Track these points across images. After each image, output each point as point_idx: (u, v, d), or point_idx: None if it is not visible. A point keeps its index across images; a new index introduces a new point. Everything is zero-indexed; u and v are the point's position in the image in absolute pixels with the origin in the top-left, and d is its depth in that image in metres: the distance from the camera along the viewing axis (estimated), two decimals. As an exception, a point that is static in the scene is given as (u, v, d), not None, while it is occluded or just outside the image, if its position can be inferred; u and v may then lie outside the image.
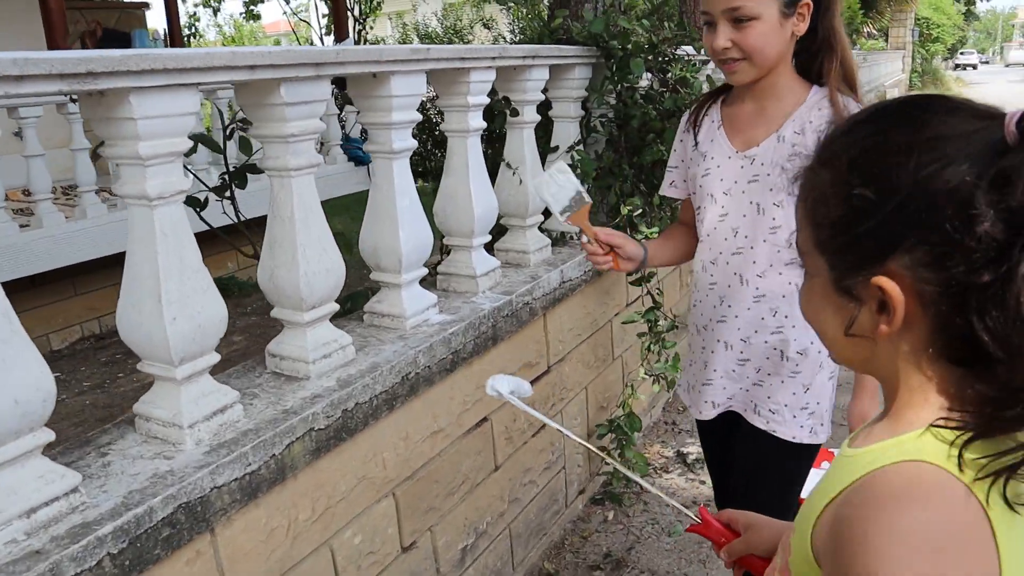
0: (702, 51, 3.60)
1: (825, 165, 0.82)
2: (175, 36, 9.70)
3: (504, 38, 15.21)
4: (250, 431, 1.70)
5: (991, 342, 0.71)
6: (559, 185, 1.89)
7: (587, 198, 1.90)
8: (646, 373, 3.37)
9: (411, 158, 2.29)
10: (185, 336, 1.61)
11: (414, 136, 2.11)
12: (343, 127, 7.37)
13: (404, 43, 16.68)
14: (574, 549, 3.08)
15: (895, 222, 0.74)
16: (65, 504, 1.42)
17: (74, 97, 4.32)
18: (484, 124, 2.50)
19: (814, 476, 2.51)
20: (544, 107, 3.04)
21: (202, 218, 2.28)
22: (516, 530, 2.77)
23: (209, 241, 6.11)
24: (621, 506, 3.32)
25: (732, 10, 1.68)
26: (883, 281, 0.75)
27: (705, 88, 3.22)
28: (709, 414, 1.98)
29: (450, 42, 15.93)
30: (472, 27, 16.59)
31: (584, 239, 1.92)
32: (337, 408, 1.86)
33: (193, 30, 12.78)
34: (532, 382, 2.72)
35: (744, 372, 1.91)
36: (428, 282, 2.51)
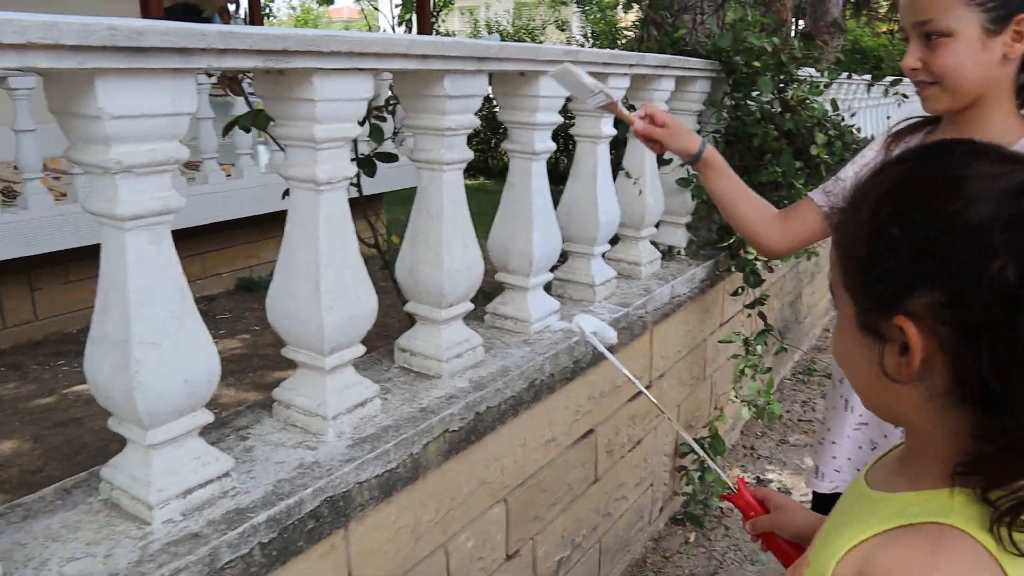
0: (824, 73, 3.51)
1: (854, 205, 0.83)
2: (255, 14, 9.76)
3: (576, 40, 15.14)
4: (390, 427, 1.66)
5: (998, 385, 0.70)
6: (573, 83, 1.77)
7: (609, 92, 1.75)
8: (736, 396, 3.29)
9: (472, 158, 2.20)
10: (338, 326, 1.57)
11: (476, 134, 2.02)
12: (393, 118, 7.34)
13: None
14: (656, 569, 3.01)
15: (915, 261, 0.74)
16: (218, 488, 1.39)
17: (210, 73, 4.31)
18: (615, 131, 2.44)
19: None
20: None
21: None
22: (606, 544, 2.71)
23: (224, 233, 6.04)
24: (702, 528, 3.24)
25: (921, 24, 1.45)
26: (903, 321, 0.75)
27: (829, 111, 3.13)
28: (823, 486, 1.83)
29: (521, 42, 15.86)
30: (544, 28, 16.53)
31: (637, 125, 1.76)
32: (471, 410, 1.81)
33: (268, 11, 12.91)
34: (632, 398, 2.67)
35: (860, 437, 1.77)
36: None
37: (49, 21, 1.02)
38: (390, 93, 2.75)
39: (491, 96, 2.16)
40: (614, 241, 2.85)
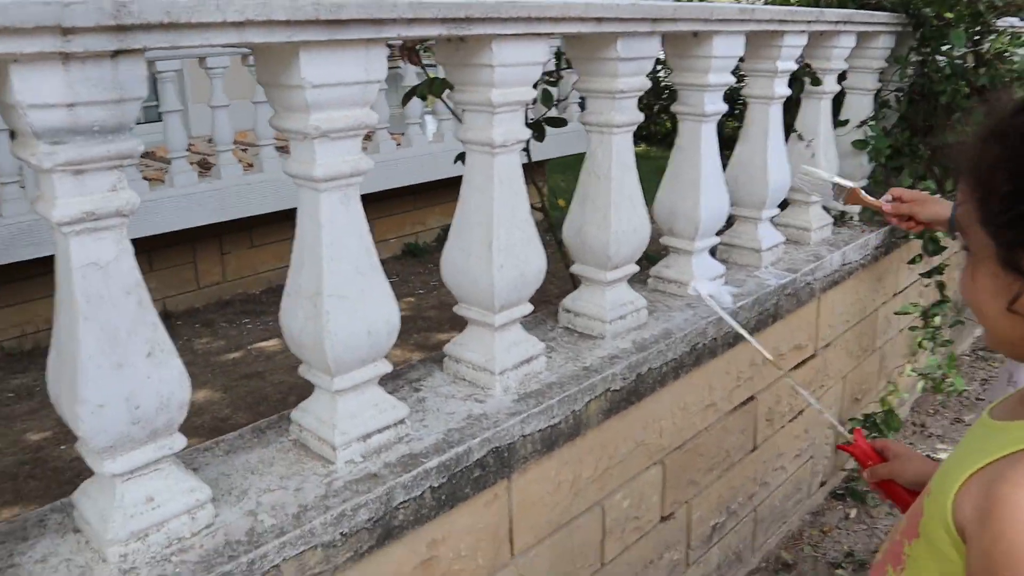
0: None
1: (997, 139, 0.82)
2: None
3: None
4: (554, 384, 1.71)
5: None
6: (813, 183, 2.03)
7: (846, 183, 1.95)
8: (913, 370, 3.14)
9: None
10: (509, 284, 1.63)
11: (639, 100, 1.98)
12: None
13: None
14: (812, 543, 2.95)
15: None
16: (393, 434, 1.49)
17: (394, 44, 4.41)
18: (789, 91, 2.36)
19: None
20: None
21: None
22: (761, 514, 2.68)
23: (392, 200, 6.07)
24: (864, 504, 3.14)
25: None
26: None
27: (1030, 65, 2.89)
28: None
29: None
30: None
31: (885, 207, 1.83)
32: (633, 371, 1.84)
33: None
34: (797, 366, 2.60)
35: None
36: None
37: (260, 0, 1.10)
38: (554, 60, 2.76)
39: (657, 60, 2.15)
40: (784, 206, 2.77)
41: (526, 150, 2.41)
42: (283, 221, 5.96)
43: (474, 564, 1.62)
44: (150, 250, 5.30)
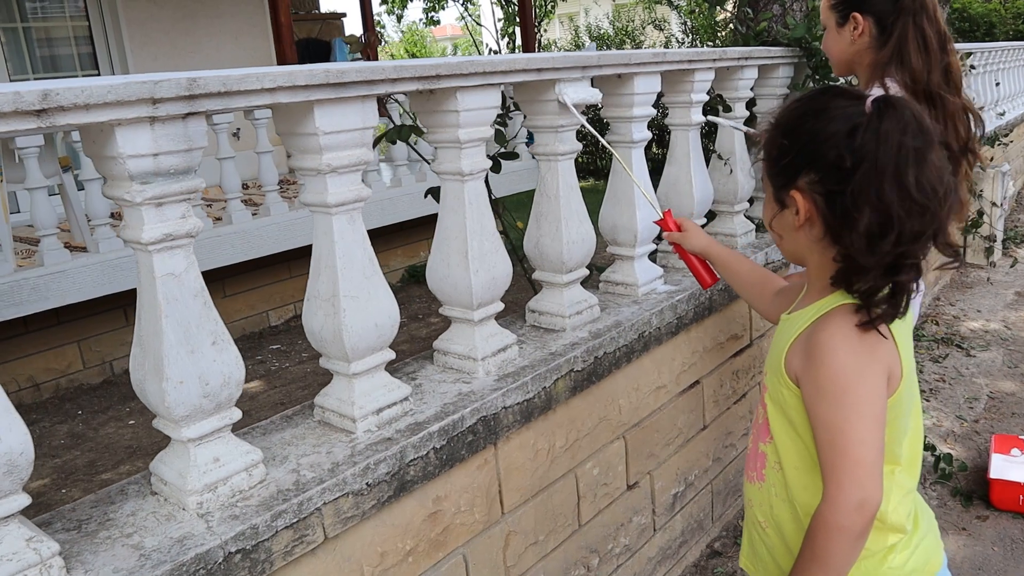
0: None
1: (773, 127, 1.35)
2: (371, 42, 10.51)
3: (676, 39, 15.32)
4: (526, 367, 2.09)
5: (842, 225, 1.24)
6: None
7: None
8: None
9: (578, 160, 2.58)
10: (483, 285, 2.00)
11: (584, 137, 2.42)
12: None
13: (576, 47, 17.08)
14: (766, 514, 3.31)
15: (800, 157, 1.27)
16: (400, 408, 1.84)
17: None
18: (704, 119, 2.79)
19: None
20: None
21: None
22: (717, 487, 3.05)
23: (397, 233, 7.04)
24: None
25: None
26: (793, 193, 1.29)
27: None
28: None
29: (622, 44, 16.20)
30: (644, 28, 16.83)
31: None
32: (591, 355, 2.21)
33: (381, 36, 13.72)
34: (735, 354, 3.00)
35: None
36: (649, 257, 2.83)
37: (288, 70, 1.49)
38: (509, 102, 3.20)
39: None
40: (713, 217, 3.19)
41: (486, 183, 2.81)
42: (252, 270, 6.44)
43: (472, 519, 1.97)
44: (125, 305, 5.72)
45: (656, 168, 2.82)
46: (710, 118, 2.63)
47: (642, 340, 2.42)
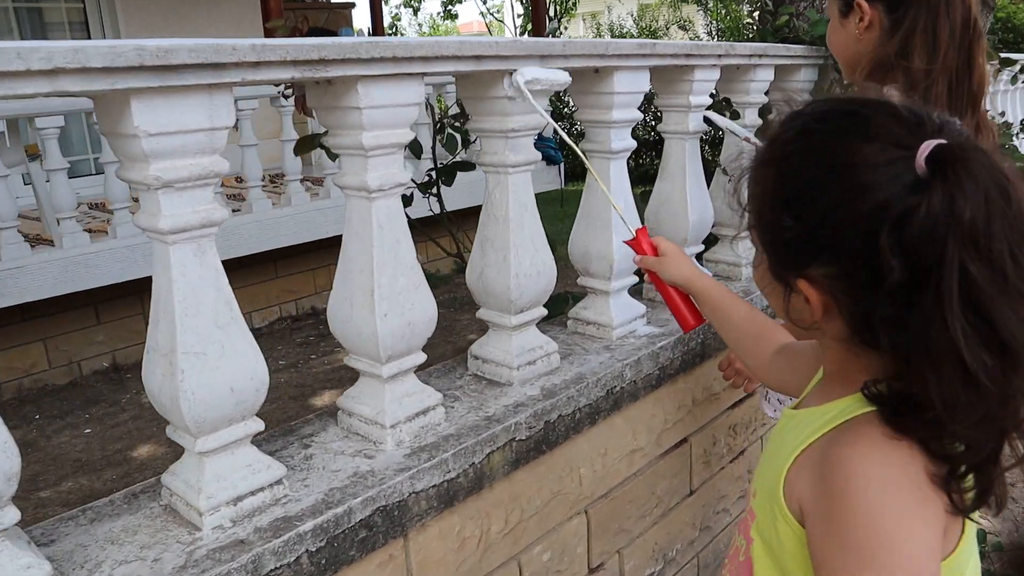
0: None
1: (767, 164, 0.91)
2: (379, 35, 10.08)
3: (700, 39, 14.73)
4: (451, 436, 1.64)
5: (875, 332, 0.82)
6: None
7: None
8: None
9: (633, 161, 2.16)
10: (395, 333, 1.56)
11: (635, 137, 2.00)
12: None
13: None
14: (766, 587, 2.85)
15: (812, 240, 0.84)
16: (269, 495, 1.41)
17: (286, 94, 4.56)
18: (705, 127, 2.33)
19: None
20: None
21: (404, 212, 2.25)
22: (704, 560, 2.59)
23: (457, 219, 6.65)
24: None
25: None
26: (802, 284, 0.86)
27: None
28: None
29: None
30: (668, 28, 16.22)
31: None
32: (540, 419, 1.76)
33: (395, 30, 13.30)
34: (733, 406, 2.54)
35: None
36: (633, 290, 2.38)
37: (77, 46, 1.05)
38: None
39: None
40: (714, 242, 2.73)
41: (437, 197, 2.36)
42: (235, 269, 6.09)
43: (370, 633, 1.53)
44: (97, 303, 5.35)
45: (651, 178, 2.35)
46: (708, 113, 2.17)
47: (611, 397, 1.96)
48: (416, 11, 13.41)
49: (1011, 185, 0.75)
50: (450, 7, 12.39)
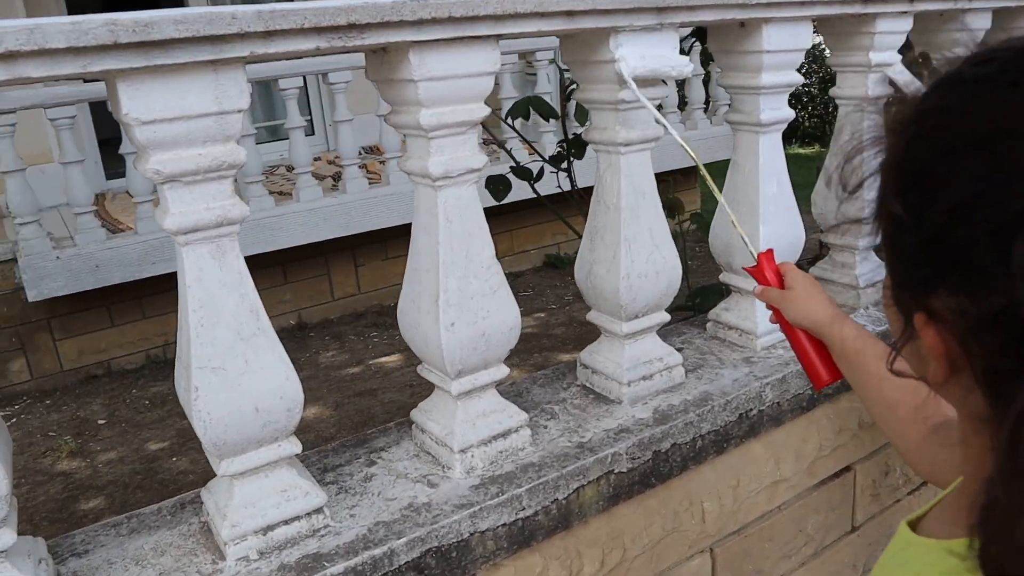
0: None
1: (894, 131, 0.58)
2: None
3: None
4: (532, 465, 1.40)
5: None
6: None
7: None
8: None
9: (796, 124, 1.77)
10: (464, 345, 1.33)
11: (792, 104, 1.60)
12: (706, 87, 6.70)
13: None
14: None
15: (937, 250, 0.52)
16: (305, 525, 1.24)
17: None
18: (888, 90, 1.88)
19: None
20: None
21: (533, 188, 2.00)
22: (876, 604, 2.19)
23: (533, 209, 5.67)
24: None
25: None
26: (919, 321, 0.55)
27: None
28: None
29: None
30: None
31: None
32: (647, 449, 1.48)
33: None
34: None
35: None
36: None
37: (31, 24, 0.90)
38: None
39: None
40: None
41: (568, 172, 2.09)
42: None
43: None
44: (284, 262, 5.42)
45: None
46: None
47: (745, 422, 1.63)
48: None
49: None
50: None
